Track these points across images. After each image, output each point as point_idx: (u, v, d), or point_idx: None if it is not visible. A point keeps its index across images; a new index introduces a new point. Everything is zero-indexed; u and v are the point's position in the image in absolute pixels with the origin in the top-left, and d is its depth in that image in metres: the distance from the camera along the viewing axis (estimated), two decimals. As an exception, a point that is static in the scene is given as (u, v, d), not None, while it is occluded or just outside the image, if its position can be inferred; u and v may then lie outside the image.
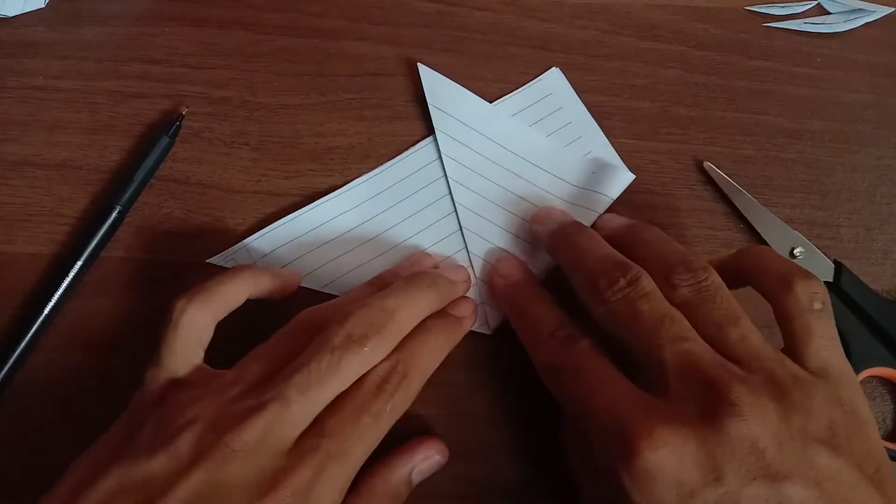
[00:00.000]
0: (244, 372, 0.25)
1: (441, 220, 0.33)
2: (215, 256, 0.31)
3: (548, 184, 0.33)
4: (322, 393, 0.24)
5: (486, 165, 0.33)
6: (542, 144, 0.34)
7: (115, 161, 0.33)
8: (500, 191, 0.33)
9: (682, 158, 0.35)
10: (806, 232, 0.34)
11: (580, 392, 0.25)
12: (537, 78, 0.36)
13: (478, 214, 0.32)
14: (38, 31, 0.35)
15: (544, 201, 0.33)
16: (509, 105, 0.35)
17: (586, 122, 0.35)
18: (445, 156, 0.33)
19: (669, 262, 0.26)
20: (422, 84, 0.34)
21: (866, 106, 0.37)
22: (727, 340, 0.24)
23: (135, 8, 0.36)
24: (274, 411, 0.23)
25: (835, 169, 0.36)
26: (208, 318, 0.26)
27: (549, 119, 0.35)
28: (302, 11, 0.37)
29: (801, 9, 0.39)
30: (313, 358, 0.24)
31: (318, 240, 0.32)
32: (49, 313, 0.30)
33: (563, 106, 0.35)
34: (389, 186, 0.33)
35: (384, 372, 0.25)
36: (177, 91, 0.34)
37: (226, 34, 0.36)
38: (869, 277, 0.33)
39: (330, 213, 0.32)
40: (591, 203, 0.32)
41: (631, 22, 0.38)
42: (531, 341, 0.28)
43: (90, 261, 0.31)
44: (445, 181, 0.33)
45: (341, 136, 0.34)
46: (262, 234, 0.32)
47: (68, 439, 0.29)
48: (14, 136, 0.33)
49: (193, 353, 0.26)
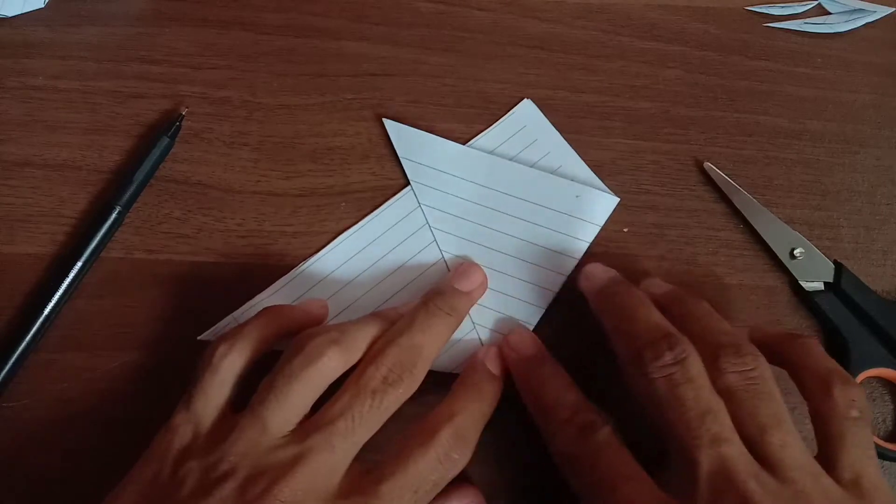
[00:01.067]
0: (269, 414, 0.24)
1: (430, 268, 0.32)
2: (205, 333, 0.30)
3: (532, 215, 0.32)
4: (364, 436, 0.24)
5: (468, 207, 0.33)
6: (522, 176, 0.33)
7: (115, 161, 0.33)
8: (486, 231, 0.32)
9: (682, 158, 0.35)
10: (806, 232, 0.34)
11: (598, 487, 0.24)
12: (510, 111, 0.35)
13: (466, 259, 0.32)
14: (38, 31, 0.35)
15: (534, 236, 0.32)
16: (485, 142, 0.34)
17: (564, 150, 0.34)
18: (425, 206, 0.33)
19: (719, 343, 0.25)
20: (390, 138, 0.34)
21: (866, 106, 0.37)
22: (768, 445, 0.23)
23: (135, 8, 0.36)
24: (320, 460, 0.23)
25: (835, 169, 0.36)
26: (246, 361, 0.26)
27: (528, 151, 0.34)
28: (302, 11, 0.37)
29: (801, 9, 0.39)
30: (355, 403, 0.24)
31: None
32: (49, 313, 0.29)
33: (538, 137, 0.34)
34: (375, 239, 0.32)
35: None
36: (177, 91, 0.34)
37: (226, 34, 0.36)
38: (869, 278, 0.33)
39: (319, 273, 0.31)
40: (578, 232, 0.32)
41: (631, 22, 0.38)
42: (546, 426, 0.27)
43: (90, 261, 0.31)
44: (429, 229, 0.32)
45: (341, 136, 0.34)
46: (249, 305, 0.31)
47: (68, 439, 0.29)
48: (14, 137, 0.33)
49: (224, 398, 0.26)
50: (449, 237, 0.32)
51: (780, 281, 0.33)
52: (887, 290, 0.34)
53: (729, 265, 0.33)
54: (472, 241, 0.32)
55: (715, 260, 0.33)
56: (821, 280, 0.33)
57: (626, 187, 0.34)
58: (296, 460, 0.23)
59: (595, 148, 0.35)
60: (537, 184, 0.33)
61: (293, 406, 0.25)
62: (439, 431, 0.25)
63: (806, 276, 0.33)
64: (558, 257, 0.32)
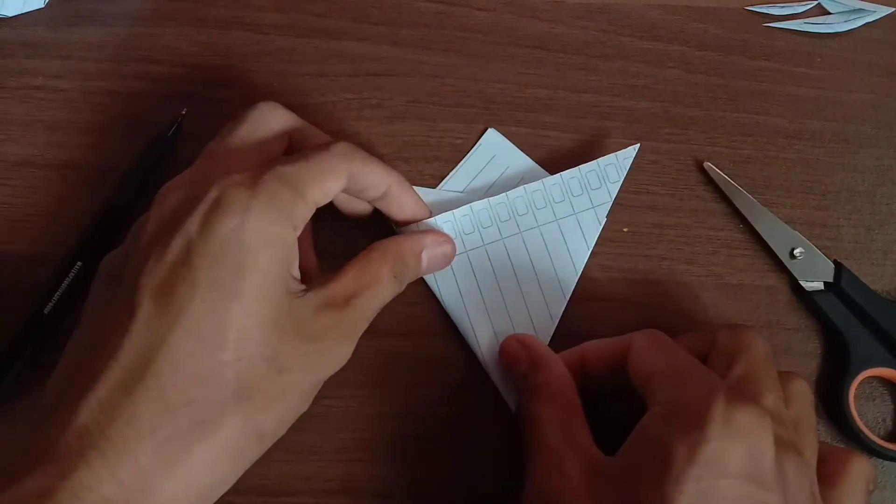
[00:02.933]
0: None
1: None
2: None
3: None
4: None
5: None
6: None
7: (114, 161, 0.33)
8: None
9: (682, 158, 0.35)
10: (806, 232, 0.34)
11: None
12: (476, 144, 0.34)
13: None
14: (38, 31, 0.35)
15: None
16: (457, 181, 0.33)
17: (537, 172, 0.34)
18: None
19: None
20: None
21: (866, 106, 0.37)
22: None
23: (135, 8, 0.36)
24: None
25: (835, 169, 0.36)
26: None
27: (501, 180, 0.34)
28: (302, 11, 0.37)
29: (801, 9, 0.39)
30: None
31: None
32: (49, 313, 0.29)
33: (510, 164, 0.34)
34: None
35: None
36: (177, 91, 0.34)
37: (226, 34, 0.36)
38: (869, 277, 0.33)
39: None
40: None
41: (631, 22, 0.38)
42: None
43: (90, 261, 0.30)
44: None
45: (341, 136, 0.34)
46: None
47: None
48: (14, 137, 0.33)
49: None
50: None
51: (780, 281, 0.33)
52: (887, 290, 0.34)
53: (729, 265, 0.33)
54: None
55: (715, 260, 0.33)
56: (821, 280, 0.33)
57: (625, 187, 0.34)
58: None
59: (595, 148, 0.35)
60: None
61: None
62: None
63: (806, 276, 0.33)
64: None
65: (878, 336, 0.31)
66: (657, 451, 0.21)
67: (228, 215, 0.22)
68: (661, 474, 0.21)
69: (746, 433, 0.21)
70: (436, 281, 0.31)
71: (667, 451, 0.21)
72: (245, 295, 0.22)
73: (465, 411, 0.30)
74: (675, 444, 0.21)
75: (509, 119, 0.35)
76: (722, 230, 0.34)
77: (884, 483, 0.30)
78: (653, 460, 0.21)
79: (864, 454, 0.29)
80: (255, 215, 0.23)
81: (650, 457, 0.22)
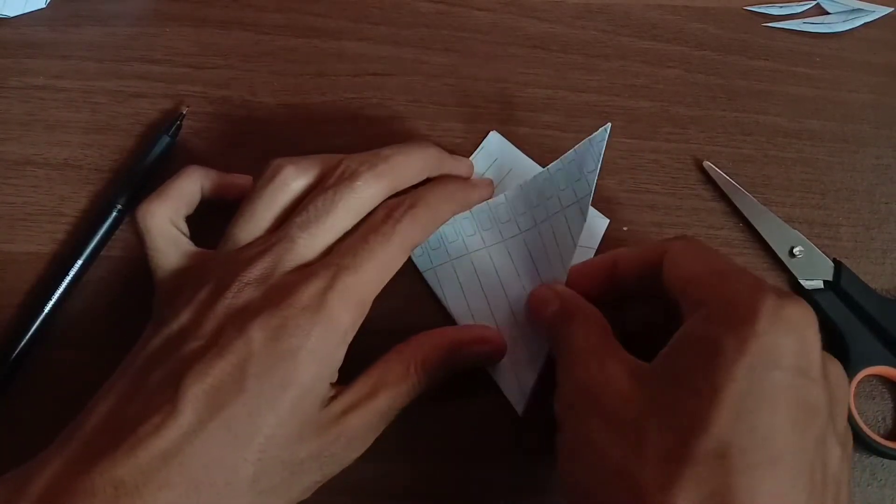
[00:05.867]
0: (237, 231, 0.27)
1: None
2: None
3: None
4: (322, 227, 0.26)
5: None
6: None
7: (115, 160, 0.33)
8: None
9: (682, 158, 0.35)
10: (805, 231, 0.34)
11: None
12: (479, 147, 0.34)
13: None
14: (39, 32, 0.35)
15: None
16: None
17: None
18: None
19: None
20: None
21: (865, 106, 0.37)
22: None
23: (135, 8, 0.36)
24: (281, 248, 0.25)
25: (834, 168, 0.36)
26: (170, 210, 0.28)
27: (504, 183, 0.33)
28: (302, 11, 0.37)
29: (800, 9, 0.39)
30: (312, 200, 0.26)
31: None
32: (49, 313, 0.30)
33: (512, 167, 0.34)
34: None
35: (391, 203, 0.27)
36: (177, 91, 0.34)
37: (226, 34, 0.36)
38: (868, 276, 0.33)
39: None
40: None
41: (631, 22, 0.38)
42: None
43: (90, 260, 0.31)
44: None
45: (341, 136, 0.34)
46: None
47: (69, 438, 0.29)
48: (15, 136, 0.33)
49: (180, 242, 0.28)
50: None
51: (780, 279, 0.33)
52: (887, 289, 0.34)
53: (729, 264, 0.33)
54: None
55: (715, 259, 0.33)
56: (820, 278, 0.33)
57: (625, 186, 0.34)
58: (260, 254, 0.25)
59: (595, 147, 0.35)
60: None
61: (257, 220, 0.27)
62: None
63: (805, 275, 0.33)
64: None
65: (878, 335, 0.31)
66: (705, 348, 0.21)
67: (293, 338, 0.24)
68: (712, 369, 0.20)
69: (796, 327, 0.21)
70: (439, 282, 0.31)
71: (717, 347, 0.21)
72: (283, 408, 0.23)
73: (467, 411, 0.30)
74: (725, 339, 0.21)
75: (509, 119, 0.35)
76: (721, 229, 0.34)
77: (884, 481, 0.30)
78: (701, 357, 0.21)
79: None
80: (315, 339, 0.24)
81: (698, 355, 0.21)
